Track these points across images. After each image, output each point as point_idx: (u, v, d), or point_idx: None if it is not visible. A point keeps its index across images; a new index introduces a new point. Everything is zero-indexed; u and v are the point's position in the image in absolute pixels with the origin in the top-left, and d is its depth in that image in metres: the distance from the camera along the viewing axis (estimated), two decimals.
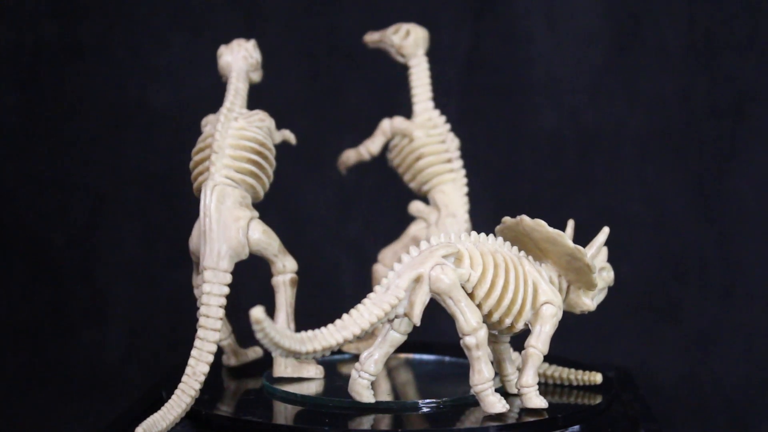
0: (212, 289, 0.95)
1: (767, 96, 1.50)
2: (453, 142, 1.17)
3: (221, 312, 0.95)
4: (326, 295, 1.45)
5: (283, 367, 1.01)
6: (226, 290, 0.96)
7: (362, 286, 1.23)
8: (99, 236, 1.55)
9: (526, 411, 0.94)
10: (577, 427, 0.94)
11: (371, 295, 0.91)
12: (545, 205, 1.32)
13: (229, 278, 0.96)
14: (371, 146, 1.17)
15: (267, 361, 1.07)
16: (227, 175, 0.99)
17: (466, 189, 1.15)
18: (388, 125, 1.17)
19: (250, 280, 1.15)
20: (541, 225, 0.94)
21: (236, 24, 1.54)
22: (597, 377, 1.05)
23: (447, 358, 1.14)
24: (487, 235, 0.96)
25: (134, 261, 1.55)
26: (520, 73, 1.54)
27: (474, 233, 0.95)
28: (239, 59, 1.07)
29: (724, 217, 1.51)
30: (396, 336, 0.92)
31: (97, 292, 1.55)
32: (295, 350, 0.85)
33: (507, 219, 0.97)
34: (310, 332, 0.87)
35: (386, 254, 1.16)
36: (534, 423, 0.92)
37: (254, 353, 1.11)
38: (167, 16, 1.54)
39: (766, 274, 1.50)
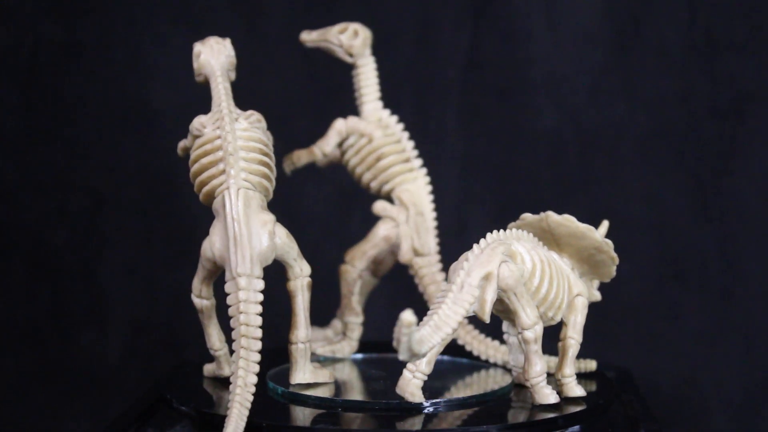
0: (249, 297, 0.92)
1: (767, 96, 1.50)
2: (409, 142, 1.17)
3: (260, 320, 0.93)
4: (326, 295, 1.45)
5: (302, 374, 1.00)
6: (261, 297, 0.93)
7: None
8: (99, 236, 1.55)
9: (542, 406, 0.96)
10: (577, 427, 0.94)
11: (449, 294, 0.91)
12: (545, 205, 1.31)
13: (262, 284, 0.94)
14: (325, 146, 1.15)
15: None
16: (245, 178, 0.97)
17: (430, 187, 1.16)
18: (343, 125, 1.16)
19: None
20: (569, 220, 0.98)
21: (236, 24, 1.54)
22: (591, 365, 1.08)
23: (446, 358, 1.14)
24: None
25: (134, 261, 1.55)
26: (520, 73, 1.54)
27: (514, 230, 0.97)
28: (222, 58, 1.05)
29: (724, 217, 1.51)
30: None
31: (97, 292, 1.55)
32: (417, 352, 0.86)
33: (527, 215, 1.00)
34: (415, 335, 0.88)
35: (354, 255, 1.15)
36: (534, 423, 0.92)
37: None
38: (167, 16, 1.54)
39: (766, 274, 1.50)
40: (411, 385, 0.93)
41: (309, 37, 1.20)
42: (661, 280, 1.52)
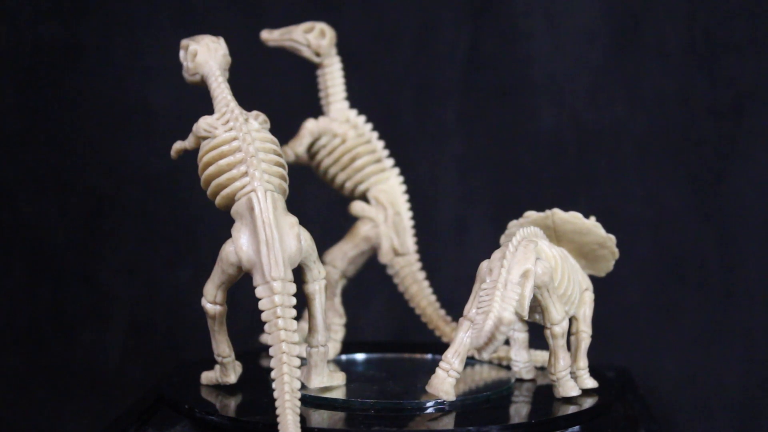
0: (284, 301, 0.91)
1: (767, 96, 1.50)
2: (379, 142, 1.16)
3: (296, 324, 0.91)
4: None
5: (320, 377, 0.99)
6: (295, 300, 0.92)
7: (361, 285, 1.23)
8: (99, 236, 1.55)
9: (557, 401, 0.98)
10: (577, 427, 0.94)
11: (497, 293, 0.91)
12: (545, 205, 1.32)
13: (295, 288, 0.92)
14: (297, 147, 1.14)
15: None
16: (268, 180, 0.95)
17: (404, 187, 1.15)
18: (315, 125, 1.15)
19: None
20: (576, 217, 1.00)
21: (236, 24, 1.54)
22: None
23: (440, 357, 1.14)
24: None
25: (134, 261, 1.55)
26: (520, 73, 1.54)
27: (533, 227, 0.99)
28: (219, 57, 1.03)
29: (723, 217, 1.51)
30: None
31: (97, 292, 1.55)
32: (495, 351, 0.89)
33: (531, 213, 1.02)
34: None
35: (335, 255, 1.15)
36: (534, 423, 0.92)
37: (239, 367, 1.06)
38: (167, 16, 1.54)
39: (766, 274, 1.50)
40: (446, 383, 0.94)
41: (270, 36, 1.19)
42: (661, 280, 1.52)
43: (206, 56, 1.03)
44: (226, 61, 1.04)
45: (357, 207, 1.15)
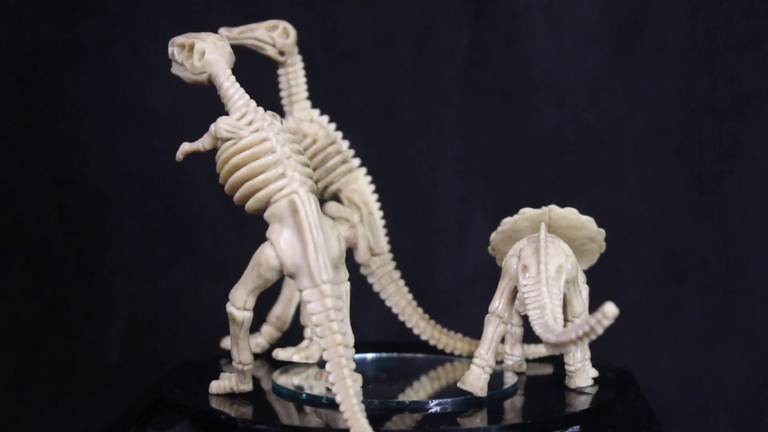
0: (336, 304, 0.89)
1: (767, 96, 1.50)
2: (344, 141, 1.15)
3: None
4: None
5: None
6: (342, 303, 0.91)
7: (362, 285, 1.23)
8: (99, 236, 1.55)
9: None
10: (577, 427, 0.94)
11: (542, 288, 0.93)
12: (545, 205, 1.33)
13: (341, 290, 0.92)
14: None
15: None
16: (304, 181, 0.93)
17: (373, 186, 1.15)
18: (285, 126, 1.14)
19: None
20: (572, 213, 1.01)
21: (236, 24, 1.54)
22: (542, 349, 1.12)
23: (435, 356, 1.14)
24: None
25: (134, 261, 1.55)
26: (520, 73, 1.54)
27: (542, 225, 0.99)
28: (227, 56, 1.00)
29: (724, 216, 1.51)
30: (505, 328, 0.97)
31: (97, 292, 1.55)
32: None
33: (527, 210, 1.02)
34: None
35: None
36: (534, 423, 0.92)
37: None
38: (167, 15, 1.54)
39: (766, 273, 1.50)
40: (481, 380, 0.95)
41: (230, 34, 1.17)
42: (661, 280, 1.52)
43: (215, 55, 1.00)
44: (231, 59, 1.01)
45: (332, 208, 1.14)
